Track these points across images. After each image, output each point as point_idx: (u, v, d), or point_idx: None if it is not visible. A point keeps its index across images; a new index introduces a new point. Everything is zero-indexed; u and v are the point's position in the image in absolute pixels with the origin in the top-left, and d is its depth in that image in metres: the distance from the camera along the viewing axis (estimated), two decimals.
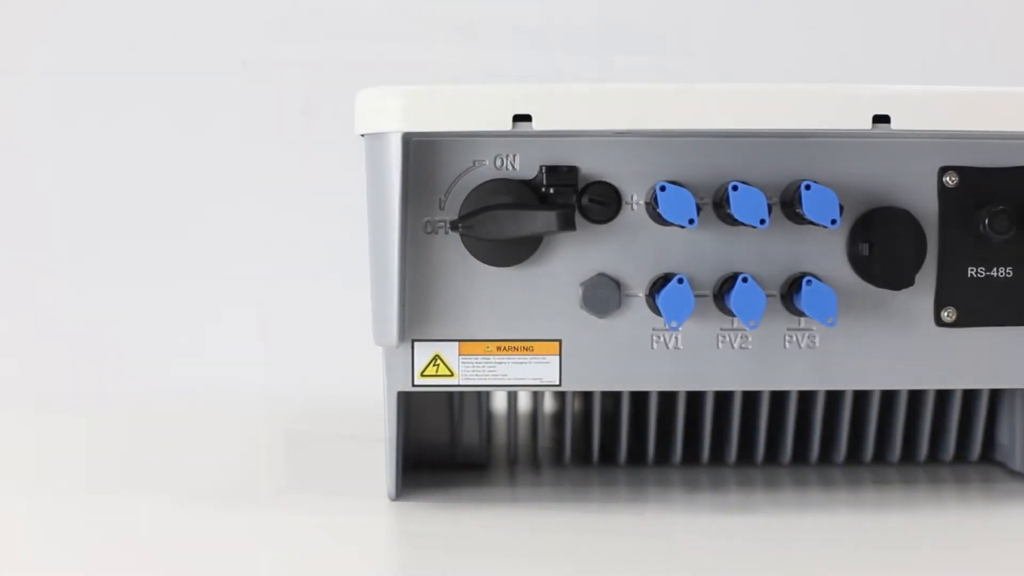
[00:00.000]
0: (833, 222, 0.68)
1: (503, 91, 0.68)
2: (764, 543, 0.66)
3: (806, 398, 0.78)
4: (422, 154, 0.70)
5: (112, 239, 1.16)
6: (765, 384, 0.72)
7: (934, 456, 0.81)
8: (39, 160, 1.17)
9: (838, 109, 0.69)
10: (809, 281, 0.69)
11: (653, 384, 0.72)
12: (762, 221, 0.68)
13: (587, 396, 0.79)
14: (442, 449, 0.78)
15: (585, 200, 0.70)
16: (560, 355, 0.71)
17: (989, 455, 0.82)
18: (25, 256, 1.16)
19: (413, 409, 0.78)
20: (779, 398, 0.78)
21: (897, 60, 1.21)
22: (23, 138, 1.17)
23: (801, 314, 0.70)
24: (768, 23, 1.25)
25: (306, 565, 0.63)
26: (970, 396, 0.79)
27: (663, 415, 0.78)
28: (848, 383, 0.72)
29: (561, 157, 0.70)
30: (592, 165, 0.71)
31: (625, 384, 0.72)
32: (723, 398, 0.78)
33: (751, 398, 0.78)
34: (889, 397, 0.79)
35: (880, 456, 0.81)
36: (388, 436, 0.71)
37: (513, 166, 0.70)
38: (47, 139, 1.17)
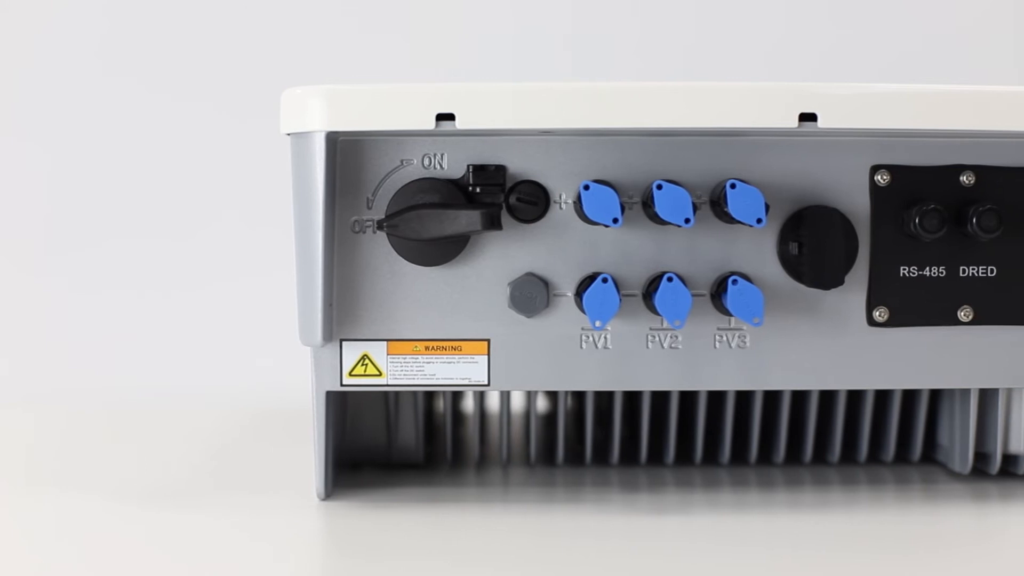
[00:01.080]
0: (759, 221, 0.68)
1: (426, 90, 0.68)
2: (694, 544, 0.66)
3: (746, 398, 0.78)
4: (350, 153, 0.70)
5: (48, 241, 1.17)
6: (695, 384, 0.72)
7: (876, 457, 0.81)
8: None
9: (764, 107, 0.68)
10: (735, 281, 0.68)
11: (582, 384, 0.71)
12: (687, 220, 0.67)
13: (531, 395, 0.78)
14: (379, 449, 0.78)
15: (513, 199, 0.70)
16: (489, 355, 0.71)
17: (932, 455, 0.81)
18: None
19: (350, 409, 0.78)
20: (717, 398, 0.77)
21: (829, 57, 1.21)
22: None
23: (730, 314, 0.70)
24: (698, 22, 1.25)
25: (224, 563, 0.63)
26: (910, 396, 0.79)
27: (601, 415, 0.78)
28: (779, 383, 0.72)
29: (489, 156, 0.70)
30: (521, 164, 0.70)
31: (554, 384, 0.71)
32: (659, 398, 0.78)
33: (689, 397, 0.78)
34: (829, 397, 0.78)
35: (821, 457, 0.80)
36: (316, 436, 0.71)
37: (441, 165, 0.70)
38: None
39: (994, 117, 0.70)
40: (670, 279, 0.68)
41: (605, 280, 0.68)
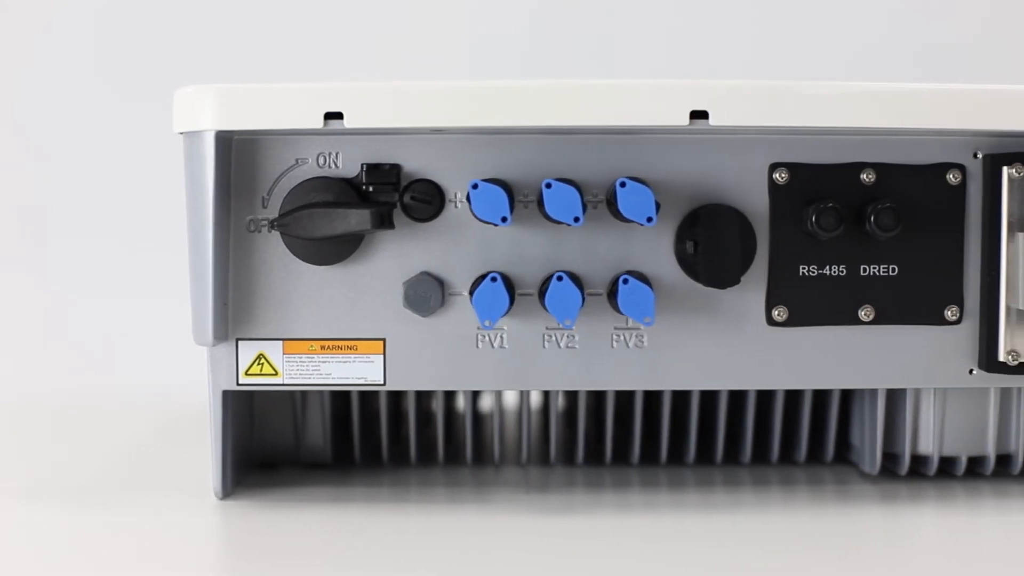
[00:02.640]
0: (649, 220, 0.67)
1: (315, 89, 0.68)
2: (598, 544, 0.65)
3: (655, 399, 0.77)
4: (245, 152, 0.70)
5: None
6: (591, 384, 0.71)
7: (790, 457, 0.80)
8: None
9: (655, 105, 0.68)
10: (626, 280, 0.68)
11: (478, 384, 0.71)
12: (576, 219, 0.67)
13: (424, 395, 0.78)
14: (287, 449, 0.78)
15: (407, 198, 0.70)
16: (384, 354, 0.71)
17: (846, 456, 0.80)
18: None
19: (258, 408, 0.78)
20: (653, 397, 0.77)
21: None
22: None
23: None
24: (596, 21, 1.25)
25: (110, 560, 0.63)
26: (822, 396, 0.78)
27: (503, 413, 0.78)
28: (676, 383, 0.71)
29: (385, 155, 0.70)
30: (416, 163, 0.70)
31: (451, 384, 0.71)
32: (595, 398, 0.77)
33: (621, 397, 0.77)
34: (739, 397, 0.78)
35: (733, 457, 0.80)
36: (213, 435, 0.71)
37: (336, 164, 0.70)
38: None
39: (894, 114, 0.69)
40: (560, 278, 0.68)
41: (494, 279, 0.68)
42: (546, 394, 0.84)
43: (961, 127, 0.69)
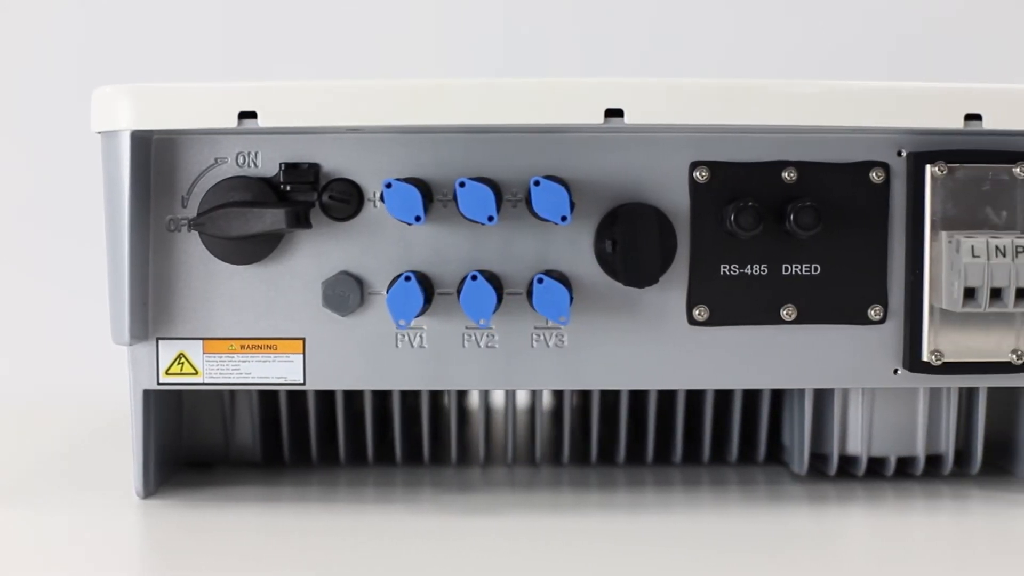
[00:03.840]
0: (564, 219, 0.67)
1: (229, 88, 0.68)
2: (520, 543, 0.65)
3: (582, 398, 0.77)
4: (165, 151, 0.70)
5: None
6: (511, 384, 0.71)
7: (723, 457, 0.80)
8: None
9: (569, 103, 0.67)
10: (541, 279, 0.67)
11: (398, 383, 0.71)
12: (490, 218, 0.67)
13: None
14: (217, 448, 0.78)
15: (325, 197, 0.70)
16: (304, 354, 0.70)
17: (780, 457, 0.80)
18: None
19: (187, 407, 0.78)
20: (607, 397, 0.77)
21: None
22: None
23: None
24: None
25: (25, 559, 0.63)
26: (754, 397, 0.78)
27: (409, 414, 0.77)
28: (597, 382, 0.71)
29: (304, 154, 0.70)
30: (335, 162, 0.70)
31: (370, 383, 0.71)
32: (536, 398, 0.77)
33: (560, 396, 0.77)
34: (670, 397, 0.77)
35: (664, 457, 0.79)
36: (134, 434, 0.71)
37: (255, 164, 0.70)
38: None
39: (816, 112, 0.68)
40: (474, 277, 0.67)
41: (408, 279, 0.67)
42: (491, 394, 0.84)
43: (885, 125, 0.69)
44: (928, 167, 0.69)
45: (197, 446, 0.78)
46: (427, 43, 1.24)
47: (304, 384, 0.70)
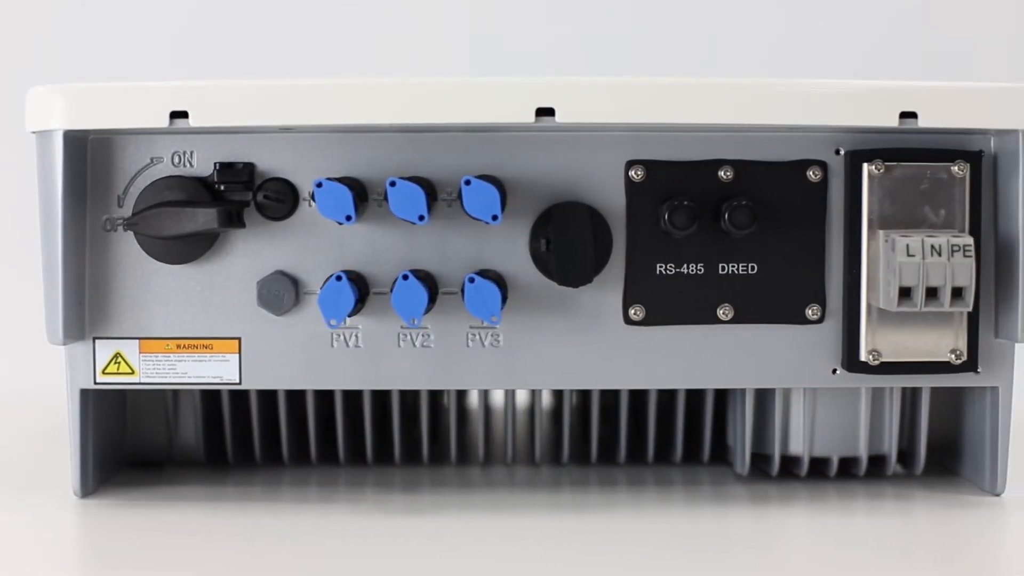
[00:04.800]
0: (495, 218, 0.66)
1: (160, 88, 0.68)
2: (455, 543, 0.65)
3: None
4: (101, 151, 0.70)
5: None
6: (447, 384, 0.71)
7: (667, 457, 0.79)
8: None
9: (500, 102, 0.67)
10: (472, 279, 0.67)
11: (334, 383, 0.71)
12: (421, 217, 0.67)
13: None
14: (160, 448, 0.78)
15: (260, 197, 0.69)
16: (240, 353, 0.70)
17: (726, 457, 0.79)
18: None
19: (131, 407, 0.78)
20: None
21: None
22: None
23: None
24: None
25: None
26: (700, 397, 0.77)
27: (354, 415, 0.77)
28: (533, 383, 0.71)
29: (239, 154, 0.70)
30: (270, 162, 0.70)
31: (306, 383, 0.71)
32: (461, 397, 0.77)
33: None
34: (614, 397, 0.77)
35: (610, 457, 0.79)
36: (71, 434, 0.71)
37: (190, 163, 0.70)
38: None
39: (752, 111, 0.68)
40: (405, 277, 0.67)
41: (339, 278, 0.67)
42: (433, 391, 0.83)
43: (819, 123, 0.68)
44: (865, 165, 0.69)
45: (141, 446, 0.78)
46: (401, 44, 1.24)
47: (240, 383, 0.70)
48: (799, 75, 0.76)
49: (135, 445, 0.78)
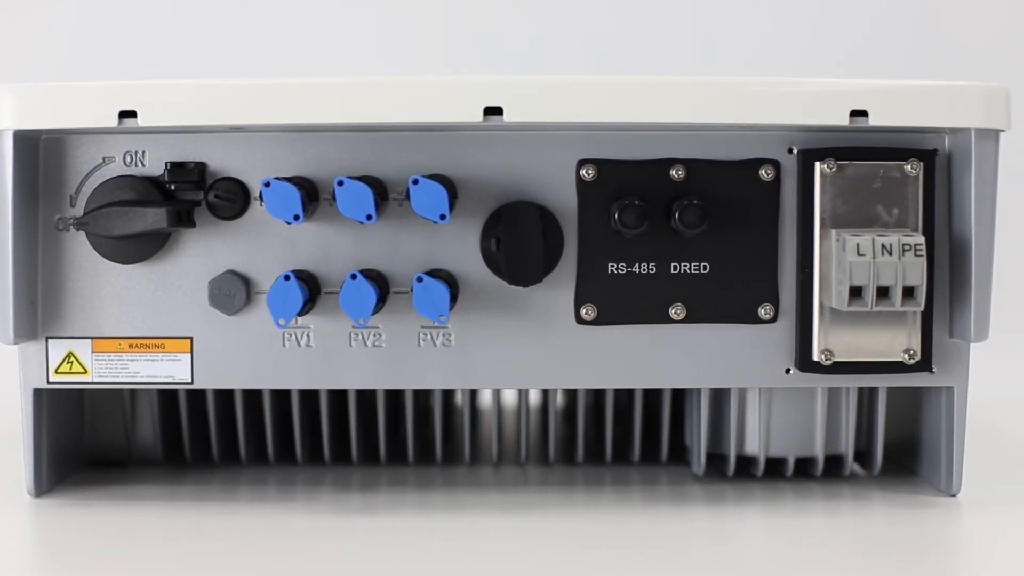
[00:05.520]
0: (443, 217, 0.66)
1: (109, 87, 0.68)
2: (402, 544, 0.65)
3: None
4: (53, 151, 0.70)
5: None
6: (398, 383, 0.70)
7: (626, 457, 0.79)
8: None
9: (448, 101, 0.67)
10: (420, 279, 0.67)
11: (285, 383, 0.71)
12: (369, 217, 0.66)
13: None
14: (118, 447, 0.78)
15: (211, 196, 0.69)
16: (192, 353, 0.70)
17: (685, 457, 0.79)
18: None
19: (89, 406, 0.78)
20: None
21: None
22: None
23: None
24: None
25: None
26: (655, 397, 0.77)
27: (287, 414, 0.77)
28: (484, 382, 0.70)
29: (190, 153, 0.70)
30: (221, 161, 0.70)
31: (258, 383, 0.71)
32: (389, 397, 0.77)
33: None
34: (572, 397, 0.77)
35: (568, 457, 0.79)
36: (25, 433, 0.71)
37: (142, 163, 0.70)
38: None
39: (703, 109, 0.68)
40: (354, 276, 0.67)
41: (287, 278, 0.67)
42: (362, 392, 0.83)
43: (770, 122, 0.68)
44: (817, 164, 0.69)
45: (99, 445, 0.78)
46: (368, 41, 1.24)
47: (192, 383, 0.70)
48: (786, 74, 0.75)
49: (93, 444, 0.78)
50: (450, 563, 0.62)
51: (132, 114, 0.68)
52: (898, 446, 0.78)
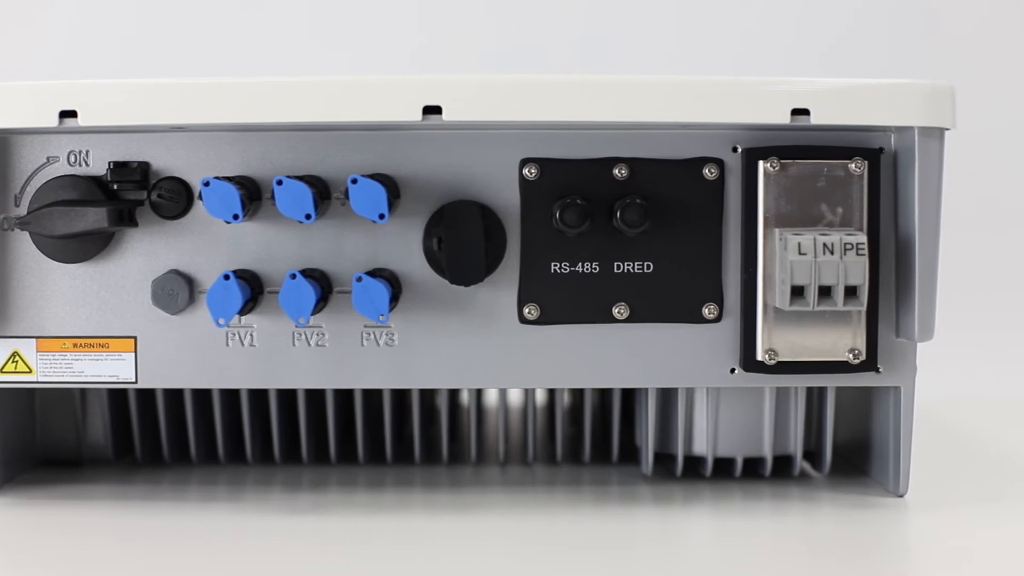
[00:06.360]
0: (382, 217, 0.66)
1: (50, 87, 0.68)
2: (342, 544, 0.65)
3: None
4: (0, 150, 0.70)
5: None
6: (341, 383, 0.70)
7: (578, 457, 0.79)
8: None
9: (387, 100, 0.67)
10: (360, 278, 0.67)
11: (229, 382, 0.70)
12: (308, 216, 0.66)
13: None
14: (69, 447, 0.78)
15: (155, 196, 0.69)
16: (136, 352, 0.70)
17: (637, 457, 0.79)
18: None
19: (40, 406, 0.78)
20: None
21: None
22: None
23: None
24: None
25: None
26: (605, 397, 0.77)
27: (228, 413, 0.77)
28: (428, 381, 0.70)
29: (133, 153, 0.70)
30: (164, 161, 0.70)
31: (202, 382, 0.71)
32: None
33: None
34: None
35: (522, 457, 0.79)
36: None
37: (86, 162, 0.70)
38: None
39: (645, 108, 0.68)
40: (293, 276, 0.67)
41: (227, 277, 0.67)
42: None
43: (715, 120, 0.68)
44: (761, 163, 0.68)
45: (50, 444, 0.78)
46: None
47: (136, 382, 0.70)
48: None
49: (45, 444, 0.78)
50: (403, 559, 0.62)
51: (73, 114, 0.68)
52: (851, 447, 0.78)
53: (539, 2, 1.28)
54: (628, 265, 0.69)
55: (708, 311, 0.69)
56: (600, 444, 0.81)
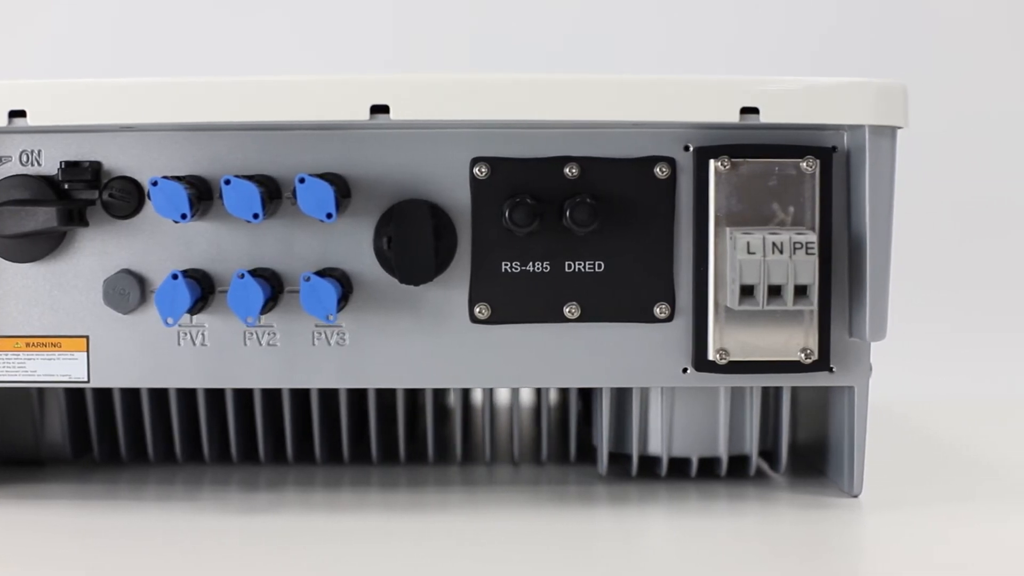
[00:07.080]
0: (329, 216, 0.66)
1: None
2: (275, 545, 0.65)
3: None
4: None
5: None
6: (293, 382, 0.70)
7: (537, 457, 0.79)
8: None
9: (334, 99, 0.67)
10: (308, 278, 0.67)
11: (181, 382, 0.71)
12: (256, 216, 0.66)
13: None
14: (27, 446, 0.78)
15: (106, 195, 0.69)
16: (88, 351, 0.70)
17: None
18: None
19: None
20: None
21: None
22: None
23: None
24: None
25: None
26: (566, 396, 0.77)
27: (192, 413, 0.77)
28: (379, 381, 0.70)
29: (85, 152, 0.70)
30: (116, 160, 0.70)
31: (154, 381, 0.71)
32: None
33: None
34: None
35: (476, 456, 0.79)
36: None
37: (38, 162, 0.70)
38: None
39: (595, 107, 0.67)
40: (241, 276, 0.67)
41: (175, 277, 0.67)
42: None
43: (665, 119, 0.68)
44: (712, 162, 0.68)
45: (7, 444, 0.78)
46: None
47: (88, 382, 0.70)
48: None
49: (2, 444, 0.78)
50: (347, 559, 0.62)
51: (22, 113, 0.68)
52: (811, 447, 0.78)
53: (528, 3, 1.28)
54: (579, 264, 0.69)
55: (660, 310, 0.69)
56: (562, 444, 0.81)
